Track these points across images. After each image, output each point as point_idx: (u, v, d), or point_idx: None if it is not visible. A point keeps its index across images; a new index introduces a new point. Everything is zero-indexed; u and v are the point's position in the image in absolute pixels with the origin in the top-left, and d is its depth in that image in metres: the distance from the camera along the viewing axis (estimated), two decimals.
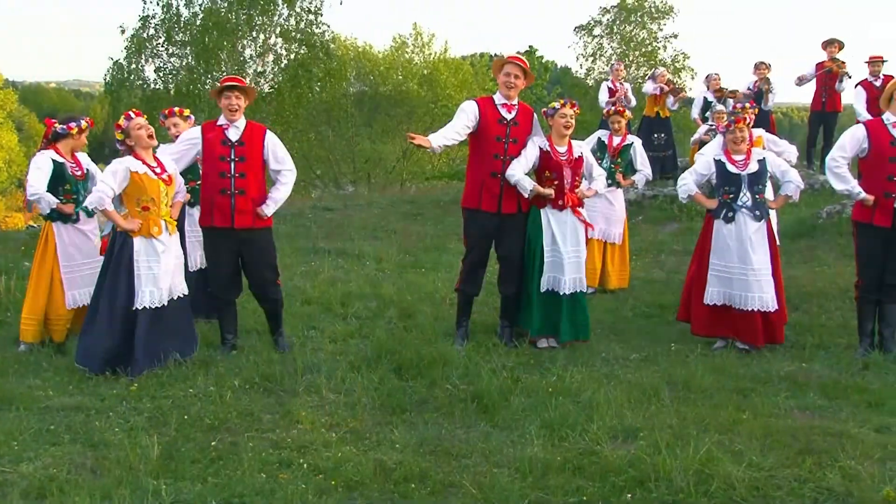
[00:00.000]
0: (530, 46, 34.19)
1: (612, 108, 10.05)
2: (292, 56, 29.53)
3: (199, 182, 7.29)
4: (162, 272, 6.59)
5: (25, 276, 7.52)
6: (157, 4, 27.80)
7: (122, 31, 28.01)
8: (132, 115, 6.68)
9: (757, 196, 7.33)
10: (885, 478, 4.72)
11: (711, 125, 12.81)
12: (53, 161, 7.10)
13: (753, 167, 7.35)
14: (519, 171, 7.18)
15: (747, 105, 8.16)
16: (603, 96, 14.57)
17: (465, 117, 7.28)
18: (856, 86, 13.56)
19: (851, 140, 7.16)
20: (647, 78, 16.11)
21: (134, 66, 28.16)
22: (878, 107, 9.07)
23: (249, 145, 6.89)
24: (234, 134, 6.87)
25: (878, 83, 13.00)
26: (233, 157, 6.83)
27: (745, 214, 7.29)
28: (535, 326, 7.44)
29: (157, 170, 6.64)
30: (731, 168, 7.37)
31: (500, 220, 7.35)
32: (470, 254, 7.49)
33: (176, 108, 7.91)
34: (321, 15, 29.36)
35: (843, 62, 14.20)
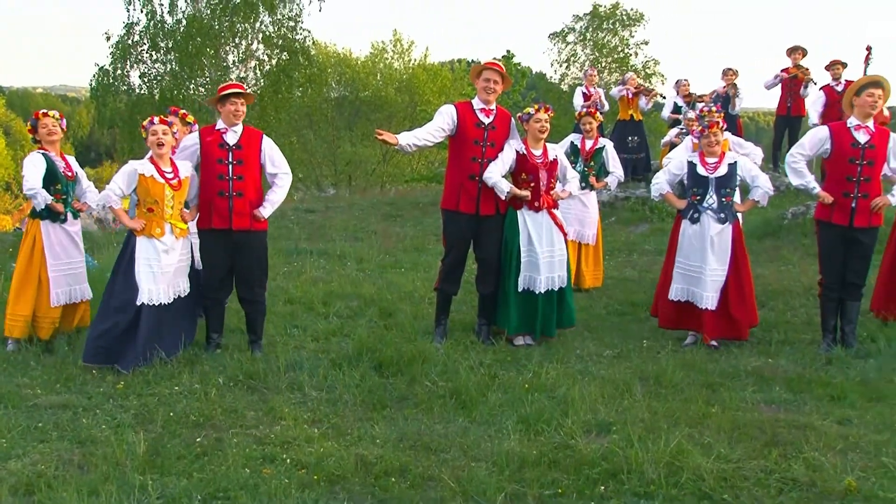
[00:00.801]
0: (507, 51, 34.15)
1: (585, 108, 10.07)
2: (274, 61, 29.53)
3: None
4: (161, 272, 6.63)
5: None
6: (142, 12, 27.76)
7: (108, 38, 27.94)
8: (155, 120, 6.76)
9: (724, 199, 7.38)
10: (847, 468, 4.77)
11: (682, 128, 12.90)
12: (46, 158, 7.09)
13: (722, 171, 7.40)
14: (496, 174, 7.21)
15: (713, 108, 8.22)
16: (578, 101, 14.64)
17: (442, 120, 7.31)
18: (820, 88, 13.71)
19: (812, 139, 7.27)
20: (617, 83, 16.24)
21: (119, 71, 28.08)
22: (840, 110, 9.18)
23: (247, 149, 6.88)
24: (232, 138, 6.86)
25: (839, 88, 13.14)
26: (231, 160, 6.82)
27: (709, 216, 7.35)
28: (513, 325, 7.46)
29: (169, 174, 6.70)
30: (700, 170, 7.43)
31: (478, 221, 7.37)
32: (449, 254, 7.51)
33: (181, 112, 7.79)
34: (301, 21, 29.39)
35: (808, 69, 14.36)
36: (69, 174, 7.20)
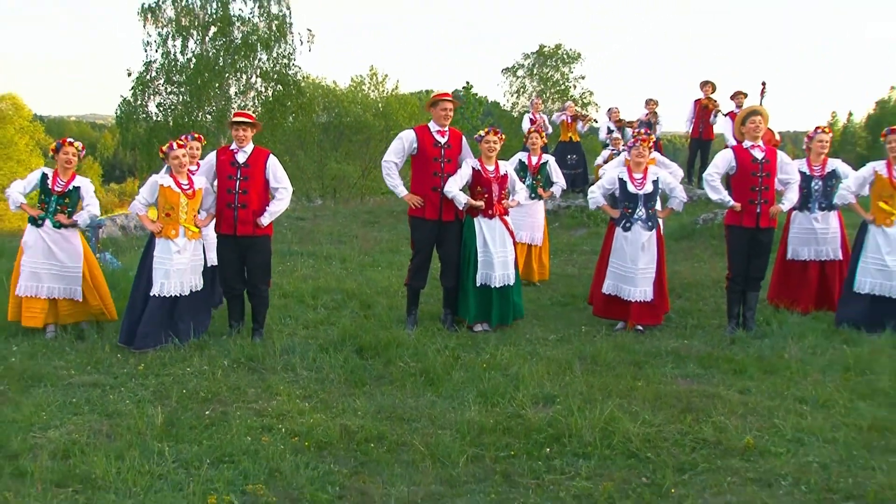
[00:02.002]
0: (466, 83, 34.15)
1: (532, 126, 10.10)
2: (270, 93, 29.52)
3: None
4: (174, 269, 6.62)
5: None
6: (157, 52, 27.81)
7: (129, 74, 28.03)
8: (174, 145, 6.79)
9: (650, 210, 7.47)
10: (747, 429, 4.87)
11: (612, 149, 12.99)
12: (43, 174, 7.07)
13: (648, 188, 7.48)
14: (454, 188, 7.23)
15: (642, 131, 8.30)
16: (525, 125, 14.66)
17: (401, 145, 7.37)
18: (725, 115, 13.89)
19: (722, 160, 7.41)
20: (558, 110, 16.33)
21: (139, 102, 28.15)
22: None
23: (254, 167, 6.88)
24: (241, 157, 6.88)
25: None
26: (238, 176, 6.84)
27: (639, 226, 7.42)
28: (472, 314, 7.46)
29: (185, 186, 6.71)
30: (630, 188, 7.49)
31: (441, 226, 7.37)
32: (417, 255, 7.50)
33: (201, 137, 7.84)
34: (294, 59, 29.47)
35: (716, 101, 14.53)
36: (59, 189, 7.04)
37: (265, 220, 6.89)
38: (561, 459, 4.49)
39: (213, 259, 7.32)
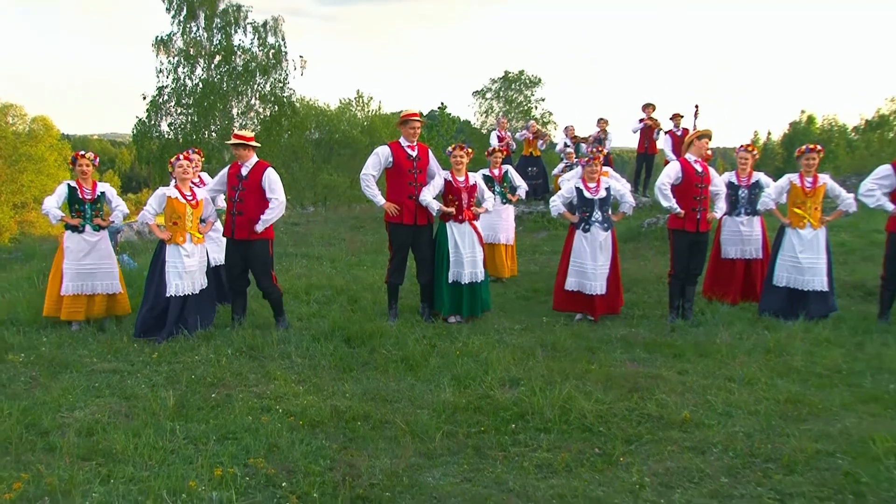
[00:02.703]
0: (441, 103, 34.16)
1: (498, 145, 10.11)
2: (268, 113, 29.54)
3: None
4: (185, 271, 6.61)
5: None
6: (169, 77, 27.78)
7: (144, 97, 28.17)
8: (181, 157, 6.79)
9: (605, 213, 7.52)
10: (684, 405, 4.93)
11: (567, 163, 13.07)
12: (69, 186, 7.04)
13: (602, 194, 7.53)
14: (428, 196, 7.26)
15: (593, 150, 8.36)
16: (493, 142, 14.71)
17: (377, 160, 7.34)
18: (665, 133, 14.08)
19: (672, 172, 7.43)
20: (521, 128, 16.41)
21: (153, 122, 28.17)
22: (680, 149, 9.45)
23: (253, 179, 6.87)
24: (244, 171, 6.91)
25: (679, 132, 13.62)
26: (239, 187, 6.86)
27: (597, 227, 7.47)
28: (446, 308, 7.46)
29: (189, 197, 6.71)
30: (586, 194, 7.53)
31: (415, 229, 7.38)
32: (395, 256, 7.48)
33: (200, 151, 7.87)
34: (288, 83, 29.51)
35: (658, 120, 14.68)
36: (88, 197, 7.03)
37: (259, 226, 6.86)
38: (525, 434, 4.51)
39: (218, 259, 7.30)
